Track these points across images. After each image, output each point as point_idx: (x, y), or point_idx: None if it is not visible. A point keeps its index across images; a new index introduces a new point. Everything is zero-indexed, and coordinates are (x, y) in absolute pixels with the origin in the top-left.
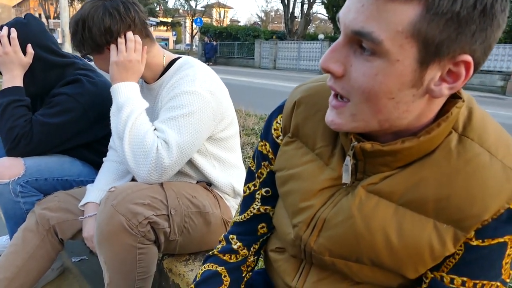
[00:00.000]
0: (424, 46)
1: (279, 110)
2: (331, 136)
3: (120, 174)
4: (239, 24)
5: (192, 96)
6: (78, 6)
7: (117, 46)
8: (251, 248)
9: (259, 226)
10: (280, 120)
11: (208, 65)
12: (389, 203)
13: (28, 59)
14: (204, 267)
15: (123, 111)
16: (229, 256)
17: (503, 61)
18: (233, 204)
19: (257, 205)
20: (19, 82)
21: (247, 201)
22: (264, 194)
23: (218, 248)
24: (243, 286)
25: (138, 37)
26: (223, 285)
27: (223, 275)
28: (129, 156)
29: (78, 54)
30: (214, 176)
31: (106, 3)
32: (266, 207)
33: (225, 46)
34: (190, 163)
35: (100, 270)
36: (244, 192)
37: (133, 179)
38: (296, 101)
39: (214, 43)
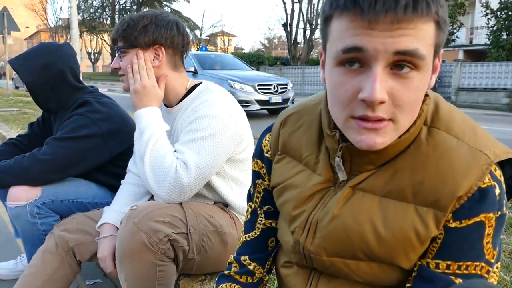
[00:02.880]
0: (435, 51)
1: (267, 130)
2: (314, 145)
3: (137, 196)
4: (243, 51)
5: (212, 119)
6: (87, 38)
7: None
8: (266, 266)
9: (269, 241)
10: (269, 138)
11: None
12: (373, 196)
13: None
14: (221, 287)
15: (144, 135)
16: (245, 278)
17: (507, 79)
18: None
19: (261, 220)
20: None
21: (251, 218)
22: (266, 210)
23: (233, 270)
24: None
25: (149, 63)
26: None
27: None
28: (149, 176)
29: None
30: (231, 198)
31: (172, 17)
32: (270, 221)
33: None
34: (208, 185)
35: None
36: (247, 210)
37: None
38: (282, 120)
39: None
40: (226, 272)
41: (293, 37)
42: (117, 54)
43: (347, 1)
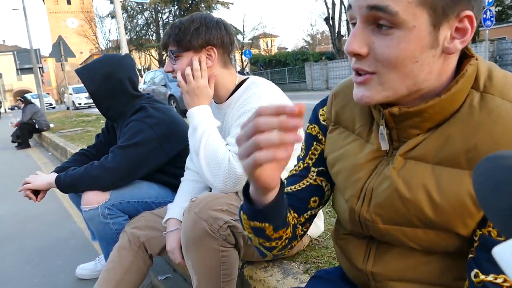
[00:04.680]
0: (432, 10)
1: (322, 102)
2: (367, 116)
3: (196, 192)
4: (287, 50)
5: None
6: (136, 55)
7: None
8: (301, 217)
9: (312, 199)
10: (324, 110)
11: None
12: (425, 164)
13: None
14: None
15: (197, 131)
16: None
17: None
18: None
19: (313, 176)
20: None
21: (300, 173)
22: (320, 170)
23: None
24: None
25: (203, 64)
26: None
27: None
28: (205, 169)
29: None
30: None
31: (217, 17)
32: (321, 178)
33: (276, 73)
34: None
35: (184, 286)
36: (295, 169)
37: None
38: (333, 93)
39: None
40: None
41: (337, 30)
42: (169, 58)
43: None
